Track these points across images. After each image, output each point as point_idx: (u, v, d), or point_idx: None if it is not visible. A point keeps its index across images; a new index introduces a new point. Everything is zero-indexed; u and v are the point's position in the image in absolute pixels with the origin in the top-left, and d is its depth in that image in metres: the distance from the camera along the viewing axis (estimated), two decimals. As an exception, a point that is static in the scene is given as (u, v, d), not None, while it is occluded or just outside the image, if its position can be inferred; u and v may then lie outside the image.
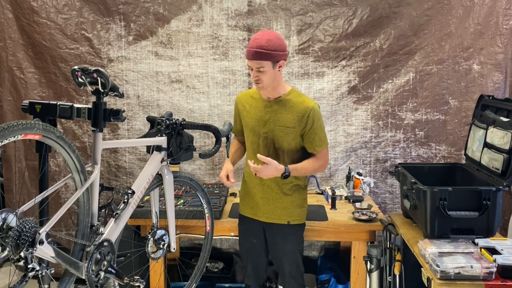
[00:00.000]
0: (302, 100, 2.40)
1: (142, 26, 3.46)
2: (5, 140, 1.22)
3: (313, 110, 2.37)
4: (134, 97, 3.53)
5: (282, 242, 2.51)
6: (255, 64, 2.27)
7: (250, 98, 2.51)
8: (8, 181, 3.56)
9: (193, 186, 2.38)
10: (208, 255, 2.60)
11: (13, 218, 1.31)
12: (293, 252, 2.53)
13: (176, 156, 2.09)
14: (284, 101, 2.41)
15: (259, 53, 2.25)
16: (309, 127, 2.38)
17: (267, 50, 2.25)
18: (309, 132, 2.39)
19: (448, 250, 2.08)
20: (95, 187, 1.66)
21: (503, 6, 3.29)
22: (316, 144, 2.42)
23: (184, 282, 2.76)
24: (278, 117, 2.40)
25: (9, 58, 3.45)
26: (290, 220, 2.49)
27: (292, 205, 2.49)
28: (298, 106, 2.38)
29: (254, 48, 2.26)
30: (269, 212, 2.49)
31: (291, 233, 2.51)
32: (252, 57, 2.26)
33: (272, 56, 2.27)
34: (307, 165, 2.41)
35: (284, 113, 2.39)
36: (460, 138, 3.39)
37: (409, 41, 3.38)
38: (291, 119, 2.38)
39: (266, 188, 2.47)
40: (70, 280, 1.62)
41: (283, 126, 2.39)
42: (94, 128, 1.66)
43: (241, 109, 2.53)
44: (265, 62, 2.26)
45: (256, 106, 2.46)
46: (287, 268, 2.54)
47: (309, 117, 2.36)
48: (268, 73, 2.29)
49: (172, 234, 2.23)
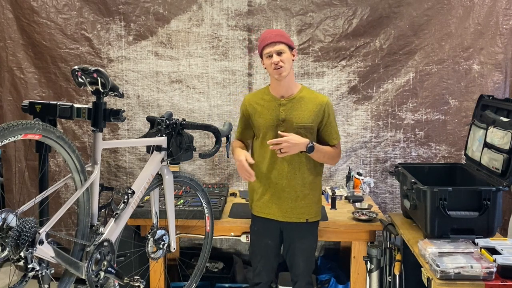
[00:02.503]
0: (315, 96, 2.46)
1: (142, 26, 3.46)
2: (5, 140, 1.22)
3: (327, 104, 2.44)
4: (134, 97, 3.53)
5: (300, 240, 2.51)
6: (276, 47, 2.32)
7: (260, 99, 2.49)
8: (8, 181, 3.56)
9: (193, 186, 2.38)
10: (208, 255, 2.60)
11: (13, 218, 1.31)
12: (309, 250, 2.55)
13: (176, 156, 2.09)
14: (298, 98, 2.42)
15: (278, 35, 2.34)
16: (326, 120, 2.44)
17: (283, 34, 2.38)
18: (325, 126, 2.45)
19: (448, 250, 2.08)
20: (95, 187, 1.66)
21: (503, 6, 3.29)
22: (333, 137, 2.48)
23: (184, 282, 2.76)
24: (295, 115, 2.40)
25: (9, 58, 3.45)
26: (309, 218, 2.50)
27: (310, 203, 2.49)
28: (313, 101, 2.42)
29: (272, 33, 2.36)
30: (288, 212, 2.47)
31: (308, 231, 2.52)
32: (273, 39, 2.32)
33: (288, 40, 2.38)
34: (328, 149, 2.46)
35: (300, 110, 2.41)
36: (460, 138, 3.39)
37: (409, 41, 3.38)
38: (308, 115, 2.40)
39: (285, 188, 2.45)
40: (70, 280, 1.62)
41: (301, 123, 2.39)
42: (94, 128, 1.66)
43: (251, 112, 2.50)
44: (284, 46, 2.34)
45: (269, 106, 2.44)
46: (301, 265, 2.54)
47: (325, 111, 2.43)
48: (288, 58, 2.35)
49: (172, 234, 2.23)
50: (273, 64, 2.31)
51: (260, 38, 2.42)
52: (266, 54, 2.35)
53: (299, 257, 2.53)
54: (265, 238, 2.56)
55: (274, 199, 2.48)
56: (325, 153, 2.43)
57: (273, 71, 2.34)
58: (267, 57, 2.35)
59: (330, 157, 2.48)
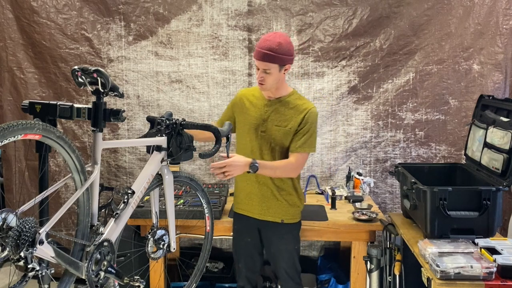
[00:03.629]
0: (302, 103, 2.42)
1: (142, 26, 3.46)
2: (5, 140, 1.22)
3: (310, 112, 2.38)
4: (134, 97, 3.53)
5: (278, 241, 2.53)
6: (263, 65, 2.29)
7: (251, 96, 2.53)
8: (8, 181, 3.57)
9: (193, 186, 2.38)
10: (208, 255, 2.59)
11: (13, 218, 1.30)
12: (289, 251, 2.54)
13: (176, 156, 2.08)
14: (284, 101, 2.42)
15: (268, 56, 2.26)
16: (302, 127, 2.38)
17: (276, 54, 2.26)
18: (298, 132, 2.38)
19: (448, 250, 2.08)
20: (95, 187, 1.65)
21: (503, 6, 3.29)
22: (299, 144, 2.39)
23: (184, 282, 2.76)
24: (276, 117, 2.41)
25: (9, 58, 3.46)
26: (284, 219, 2.51)
27: (286, 204, 2.50)
28: (297, 107, 2.40)
29: (264, 50, 2.27)
30: (264, 210, 2.50)
31: (286, 232, 2.53)
32: (261, 58, 2.28)
33: (280, 60, 2.29)
34: (278, 164, 2.38)
35: (282, 113, 2.41)
36: (460, 138, 3.39)
37: (409, 41, 3.38)
38: (289, 119, 2.39)
39: (261, 186, 2.48)
40: (70, 280, 1.62)
41: (280, 126, 2.40)
42: (94, 128, 1.65)
43: (240, 105, 2.53)
44: (272, 65, 2.28)
45: (256, 105, 2.47)
46: (283, 266, 2.55)
47: (305, 118, 2.37)
48: (274, 76, 2.32)
49: (172, 234, 2.23)
50: (257, 77, 2.35)
51: (258, 42, 2.37)
52: (256, 64, 2.35)
53: (280, 260, 2.55)
54: (245, 236, 2.59)
55: (252, 196, 2.51)
56: (276, 169, 2.37)
57: (258, 82, 2.37)
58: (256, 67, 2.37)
59: (283, 171, 2.41)
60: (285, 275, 2.56)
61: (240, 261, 2.65)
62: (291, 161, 2.40)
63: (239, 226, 2.64)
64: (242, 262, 2.64)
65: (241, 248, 2.63)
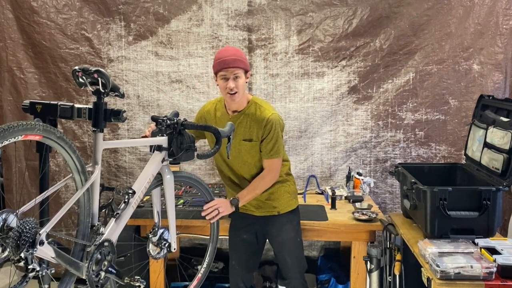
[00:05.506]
0: (261, 112, 2.42)
1: (142, 26, 3.46)
2: (5, 141, 1.22)
3: (270, 120, 2.39)
4: (134, 97, 3.53)
5: (278, 233, 2.56)
6: (232, 72, 2.29)
7: (216, 110, 2.52)
8: (8, 181, 3.56)
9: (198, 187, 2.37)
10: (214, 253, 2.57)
11: (13, 219, 1.31)
12: (291, 243, 2.56)
13: (177, 156, 2.08)
14: (245, 115, 2.44)
15: (236, 60, 2.30)
16: (265, 136, 2.41)
17: (242, 59, 2.33)
18: (264, 141, 2.41)
19: (448, 250, 2.08)
20: (95, 187, 1.65)
21: (503, 6, 3.29)
22: (267, 152, 2.43)
23: (184, 282, 2.76)
24: (241, 131, 2.43)
25: (9, 58, 3.45)
26: (280, 210, 2.54)
27: (277, 197, 2.53)
28: (257, 118, 2.41)
29: (229, 56, 2.29)
30: (260, 205, 2.53)
31: (285, 223, 2.56)
32: (231, 63, 2.28)
33: (245, 65, 2.34)
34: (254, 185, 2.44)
35: (246, 126, 2.43)
36: (460, 138, 3.39)
37: (409, 41, 3.38)
38: (251, 131, 2.42)
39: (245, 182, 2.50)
40: (70, 280, 1.62)
41: (246, 139, 2.43)
42: (94, 129, 1.65)
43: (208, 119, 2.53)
44: (240, 71, 2.32)
45: (221, 120, 2.47)
46: (287, 260, 2.57)
47: (266, 127, 2.39)
48: (242, 82, 2.34)
49: (173, 234, 2.23)
50: (227, 88, 2.32)
51: (216, 56, 2.37)
52: (222, 76, 2.33)
53: (283, 252, 2.57)
54: (241, 233, 2.61)
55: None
56: (254, 189, 2.43)
57: (227, 95, 2.35)
58: (221, 79, 2.34)
59: (263, 185, 2.46)
60: (291, 270, 2.57)
61: (234, 258, 2.66)
62: (266, 173, 2.46)
63: (236, 224, 2.66)
64: (236, 260, 2.65)
65: (237, 246, 2.64)
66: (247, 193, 2.43)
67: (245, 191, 2.44)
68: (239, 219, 2.61)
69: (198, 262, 3.42)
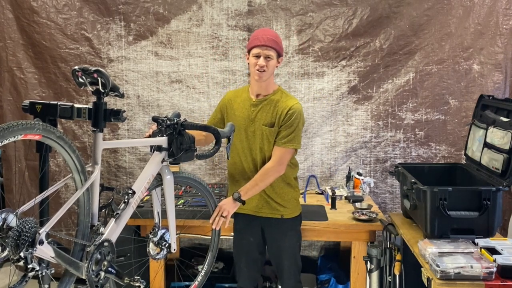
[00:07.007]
0: (286, 100, 2.42)
1: (142, 26, 3.46)
2: (5, 140, 1.22)
3: (294, 107, 2.38)
4: (134, 97, 3.53)
5: (281, 238, 2.53)
6: (266, 51, 2.31)
7: (239, 97, 2.53)
8: (8, 181, 3.56)
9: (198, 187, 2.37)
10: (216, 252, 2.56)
11: (13, 218, 1.30)
12: (292, 248, 2.56)
13: (177, 157, 2.08)
14: (269, 100, 2.43)
15: (272, 41, 2.33)
16: (285, 122, 2.38)
17: (277, 41, 2.37)
18: (283, 127, 2.39)
19: (448, 250, 2.08)
20: (95, 187, 1.65)
21: (503, 6, 3.29)
22: (283, 137, 2.38)
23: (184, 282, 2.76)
24: (263, 116, 2.42)
25: (9, 58, 3.46)
26: (284, 214, 2.52)
27: (283, 200, 2.51)
28: (281, 105, 2.40)
29: (267, 35, 2.34)
30: (264, 206, 2.51)
31: (288, 229, 2.54)
32: (266, 42, 2.31)
33: (280, 48, 2.38)
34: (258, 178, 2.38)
35: (268, 112, 2.41)
36: (460, 138, 3.39)
37: (409, 41, 3.38)
38: (273, 118, 2.40)
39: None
40: (70, 280, 1.62)
41: (266, 125, 2.41)
42: (94, 128, 1.65)
43: (228, 107, 2.53)
44: (274, 52, 2.34)
45: (244, 105, 2.47)
46: (286, 264, 2.56)
47: (288, 113, 2.38)
48: (273, 64, 2.35)
49: (173, 235, 2.22)
50: (257, 65, 2.32)
51: (254, 34, 2.41)
52: (255, 53, 2.34)
53: (283, 257, 2.56)
54: (247, 236, 2.59)
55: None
56: (257, 183, 2.37)
57: (255, 72, 2.34)
58: (253, 56, 2.35)
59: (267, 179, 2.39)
60: (287, 272, 2.57)
61: (242, 261, 2.64)
62: (268, 166, 2.40)
63: (240, 226, 2.63)
64: (244, 262, 2.63)
65: (243, 248, 2.62)
66: (249, 187, 2.38)
67: (247, 185, 2.39)
68: (245, 222, 2.58)
69: (199, 262, 3.42)
